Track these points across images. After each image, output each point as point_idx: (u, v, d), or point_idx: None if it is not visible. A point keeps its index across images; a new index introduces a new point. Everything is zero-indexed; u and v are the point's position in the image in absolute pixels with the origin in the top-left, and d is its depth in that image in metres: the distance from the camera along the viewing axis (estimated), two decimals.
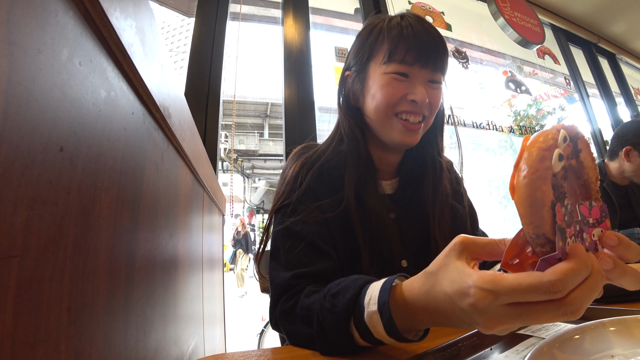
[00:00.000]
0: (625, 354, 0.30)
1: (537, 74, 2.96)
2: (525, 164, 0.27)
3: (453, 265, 0.31)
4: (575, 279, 0.25)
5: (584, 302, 0.25)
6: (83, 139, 0.22)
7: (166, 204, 0.44)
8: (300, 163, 0.65)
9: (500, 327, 0.28)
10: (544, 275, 0.25)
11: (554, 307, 0.25)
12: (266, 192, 12.71)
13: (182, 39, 9.92)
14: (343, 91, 0.69)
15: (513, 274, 0.27)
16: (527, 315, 0.26)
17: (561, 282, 0.25)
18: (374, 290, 0.39)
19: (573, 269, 0.25)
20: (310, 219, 0.58)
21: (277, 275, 0.54)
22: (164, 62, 0.39)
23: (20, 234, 0.16)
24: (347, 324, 0.40)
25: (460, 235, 0.33)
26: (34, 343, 0.17)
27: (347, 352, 0.41)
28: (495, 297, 0.27)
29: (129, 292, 0.31)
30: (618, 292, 0.51)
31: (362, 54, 0.65)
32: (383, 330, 0.37)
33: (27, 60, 0.17)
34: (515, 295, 0.26)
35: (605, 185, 1.46)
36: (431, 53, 0.59)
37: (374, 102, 0.62)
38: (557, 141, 0.27)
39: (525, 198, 0.26)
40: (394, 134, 0.61)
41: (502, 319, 0.27)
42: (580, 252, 0.26)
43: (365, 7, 2.10)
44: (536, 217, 0.26)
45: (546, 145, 0.27)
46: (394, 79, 0.60)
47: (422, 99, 0.58)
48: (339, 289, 0.43)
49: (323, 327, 0.41)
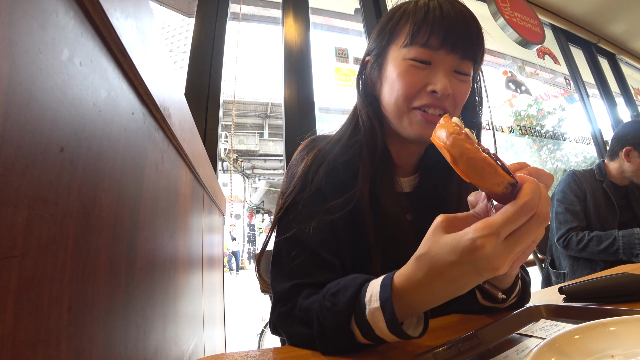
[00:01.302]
0: (625, 354, 0.30)
1: (538, 74, 2.96)
2: (457, 153, 0.32)
3: (444, 239, 0.33)
4: (537, 192, 0.31)
5: (545, 205, 0.32)
6: (83, 139, 0.22)
7: (166, 204, 0.44)
8: (312, 157, 0.59)
9: (509, 260, 0.32)
10: (518, 201, 0.31)
11: (535, 222, 0.31)
12: (266, 192, 12.71)
13: (182, 39, 9.93)
14: (362, 77, 0.63)
15: (498, 212, 0.31)
16: (521, 237, 0.31)
17: (532, 200, 0.31)
18: (375, 287, 0.39)
19: (532, 187, 0.31)
20: (316, 225, 0.53)
21: (278, 284, 0.52)
22: (164, 62, 0.39)
23: (21, 234, 0.16)
24: (348, 322, 0.40)
25: (441, 214, 0.36)
26: (35, 343, 0.17)
27: (348, 351, 0.41)
28: (497, 235, 0.31)
29: (129, 292, 0.31)
30: (618, 292, 0.51)
31: (383, 36, 0.58)
32: (385, 326, 0.37)
33: (27, 61, 0.17)
34: (509, 226, 0.31)
35: (605, 185, 1.46)
36: (460, 36, 0.51)
37: (390, 91, 0.55)
38: (458, 124, 0.34)
39: (478, 171, 0.32)
40: (411, 127, 0.54)
41: (507, 251, 0.31)
42: (525, 176, 0.33)
43: (365, 7, 2.10)
44: (496, 176, 0.31)
45: (457, 131, 0.33)
46: (413, 67, 0.53)
47: (444, 89, 0.51)
48: (338, 287, 0.43)
49: (324, 327, 0.41)
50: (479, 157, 0.31)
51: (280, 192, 0.62)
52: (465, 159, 0.32)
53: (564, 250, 1.40)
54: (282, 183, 0.63)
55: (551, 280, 1.53)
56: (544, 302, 0.51)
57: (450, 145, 0.33)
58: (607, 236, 1.31)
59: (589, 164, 3.24)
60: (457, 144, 0.32)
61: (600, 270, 1.32)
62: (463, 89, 0.54)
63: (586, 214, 1.42)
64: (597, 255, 1.32)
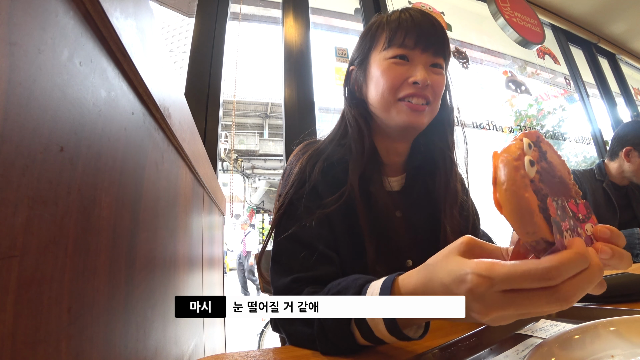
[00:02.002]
0: (625, 354, 0.30)
1: (539, 74, 2.96)
2: (502, 178, 0.28)
3: (453, 259, 0.32)
4: (571, 266, 0.26)
5: (577, 291, 0.26)
6: (83, 139, 0.22)
7: (166, 204, 0.44)
8: (307, 157, 0.63)
9: (495, 314, 0.28)
10: (540, 262, 0.26)
11: (547, 294, 0.26)
12: (266, 192, 12.71)
13: (182, 39, 9.92)
14: (348, 85, 0.70)
15: (510, 262, 0.27)
16: (520, 301, 0.27)
17: (555, 269, 0.25)
18: (375, 289, 0.39)
19: (569, 257, 0.25)
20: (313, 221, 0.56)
21: (278, 279, 0.54)
22: (164, 62, 0.39)
23: (21, 234, 0.16)
24: (348, 323, 0.40)
25: (468, 235, 0.33)
26: (35, 343, 0.17)
27: (348, 352, 0.41)
28: (491, 283, 0.27)
29: (129, 292, 0.31)
30: (618, 292, 0.51)
31: (364, 45, 0.66)
32: (384, 328, 0.37)
33: (27, 61, 0.17)
34: (510, 282, 0.27)
35: (605, 185, 1.46)
36: (430, 36, 0.59)
37: (376, 88, 0.61)
38: (524, 149, 0.29)
39: (513, 209, 0.27)
40: (399, 116, 0.60)
41: (497, 305, 0.28)
42: (578, 243, 0.27)
43: (365, 7, 2.10)
44: (529, 225, 0.27)
45: (515, 155, 0.28)
46: (394, 63, 0.60)
47: (423, 79, 0.57)
48: (339, 288, 0.43)
49: (324, 327, 0.41)
50: (521, 195, 0.27)
51: (277, 195, 0.64)
52: (505, 188, 0.28)
53: None
54: (279, 186, 0.66)
55: None
56: None
57: (498, 166, 0.29)
58: None
59: (589, 164, 3.24)
60: (506, 168, 0.28)
61: None
62: (440, 80, 0.61)
63: None
64: None
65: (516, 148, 0.29)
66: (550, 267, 0.25)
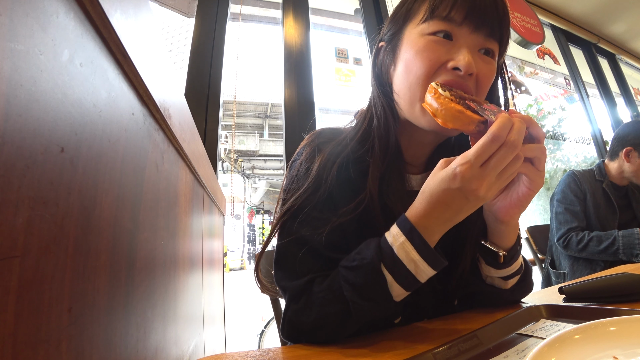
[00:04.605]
0: (626, 354, 0.30)
1: (538, 74, 2.96)
2: (434, 106, 0.42)
3: (438, 173, 0.41)
4: (505, 123, 0.37)
5: (519, 135, 0.38)
6: (84, 140, 0.22)
7: (166, 204, 0.44)
8: (325, 159, 0.53)
9: (486, 184, 0.39)
10: (487, 133, 0.38)
11: (504, 149, 0.38)
12: (266, 192, 12.71)
13: (182, 39, 9.92)
14: (375, 67, 0.58)
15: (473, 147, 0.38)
16: (494, 164, 0.38)
17: (498, 129, 0.37)
18: (394, 230, 0.44)
19: (501, 119, 0.38)
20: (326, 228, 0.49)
21: (290, 282, 0.48)
22: (164, 63, 0.39)
23: (22, 235, 0.16)
24: (379, 269, 0.42)
25: (443, 159, 0.42)
26: (35, 343, 0.18)
27: (383, 309, 0.43)
28: (471, 163, 0.38)
29: (129, 293, 0.31)
30: (618, 292, 0.51)
31: (398, 19, 0.53)
32: (417, 254, 0.41)
33: (28, 62, 0.17)
34: (480, 154, 0.38)
35: (605, 185, 1.46)
36: (487, 12, 0.46)
37: (405, 73, 0.49)
38: (434, 86, 0.43)
39: (451, 116, 0.41)
40: (424, 118, 0.49)
41: (482, 175, 0.38)
42: (502, 113, 0.39)
43: (365, 7, 2.10)
44: (465, 118, 0.40)
45: (432, 92, 0.43)
46: (434, 42, 0.47)
47: (468, 65, 0.45)
48: (358, 250, 0.45)
49: (354, 286, 0.42)
50: (450, 107, 0.41)
51: (281, 191, 0.57)
52: (440, 111, 0.42)
53: (564, 250, 1.40)
54: (284, 180, 0.58)
55: (551, 280, 1.53)
56: (544, 302, 0.51)
57: (429, 104, 0.43)
58: (607, 236, 1.31)
59: (589, 164, 3.24)
60: (434, 101, 0.42)
61: (600, 270, 1.32)
62: (488, 71, 0.48)
63: (586, 214, 1.42)
64: (597, 255, 1.32)
65: (430, 89, 0.44)
66: (494, 130, 0.37)
